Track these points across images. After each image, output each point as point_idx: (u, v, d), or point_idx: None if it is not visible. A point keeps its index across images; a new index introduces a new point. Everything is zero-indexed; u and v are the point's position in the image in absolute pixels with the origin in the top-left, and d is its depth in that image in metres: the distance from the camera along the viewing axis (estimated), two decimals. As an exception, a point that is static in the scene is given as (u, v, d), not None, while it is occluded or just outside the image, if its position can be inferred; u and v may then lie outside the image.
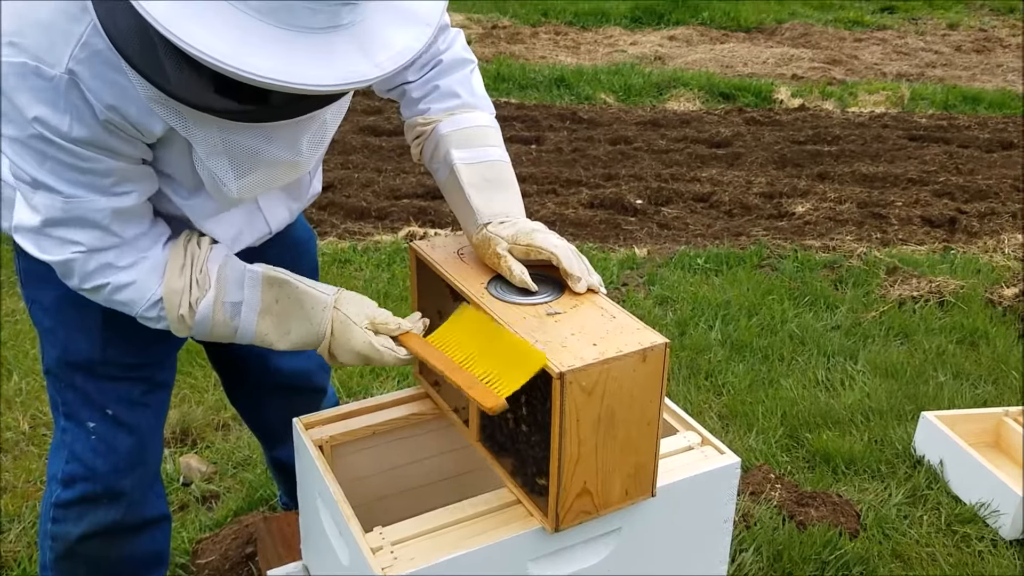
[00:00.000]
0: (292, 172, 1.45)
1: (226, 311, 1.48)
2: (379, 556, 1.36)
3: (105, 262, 1.40)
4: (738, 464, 1.60)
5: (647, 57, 8.42)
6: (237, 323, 1.49)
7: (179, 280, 1.44)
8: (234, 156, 1.34)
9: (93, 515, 1.70)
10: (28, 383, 3.14)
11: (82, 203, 1.34)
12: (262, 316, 1.50)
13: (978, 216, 4.83)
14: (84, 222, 1.36)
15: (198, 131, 1.30)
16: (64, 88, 1.25)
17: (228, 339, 1.52)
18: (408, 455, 1.79)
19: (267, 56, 1.11)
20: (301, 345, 1.52)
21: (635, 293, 3.93)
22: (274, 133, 1.34)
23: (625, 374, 1.35)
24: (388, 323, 1.52)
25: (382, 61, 1.21)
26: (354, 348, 1.50)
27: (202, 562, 2.32)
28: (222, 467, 2.75)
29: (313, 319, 1.50)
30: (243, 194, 1.40)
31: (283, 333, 1.51)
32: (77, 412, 1.66)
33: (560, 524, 1.40)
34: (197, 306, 1.45)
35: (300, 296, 1.50)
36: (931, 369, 3.38)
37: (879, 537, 2.51)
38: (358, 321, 1.50)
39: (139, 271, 1.43)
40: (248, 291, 1.49)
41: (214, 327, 1.48)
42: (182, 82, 1.19)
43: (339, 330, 1.50)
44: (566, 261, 1.49)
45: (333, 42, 1.16)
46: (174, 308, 1.44)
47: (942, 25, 10.21)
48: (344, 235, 4.51)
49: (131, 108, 1.29)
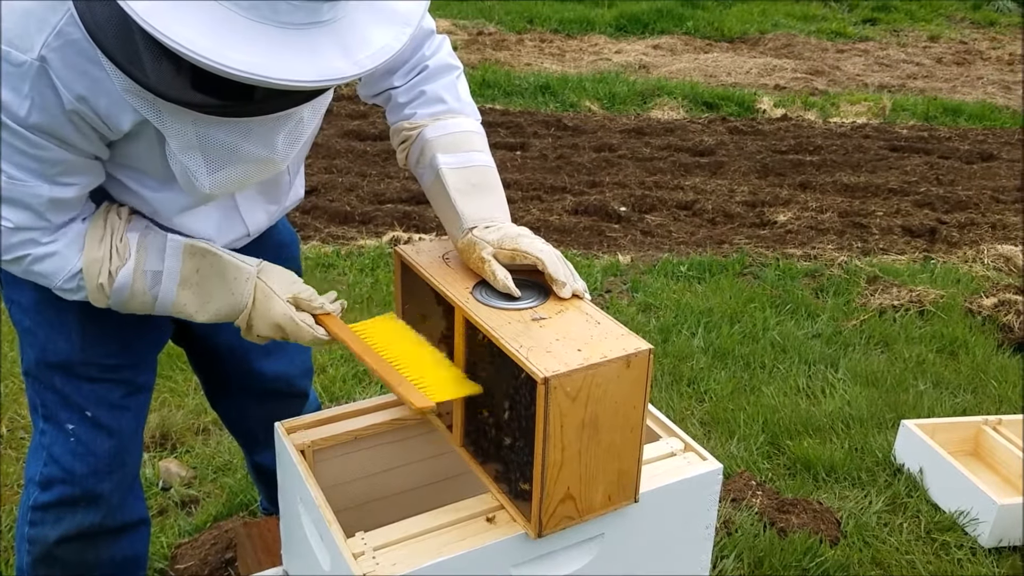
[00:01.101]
0: (267, 169, 1.44)
1: (146, 280, 1.47)
2: (361, 561, 1.36)
3: (29, 238, 1.40)
4: (720, 470, 1.60)
5: (631, 66, 8.46)
6: (156, 292, 1.49)
7: (98, 250, 1.44)
8: (208, 151, 1.33)
9: (71, 518, 1.68)
10: (6, 386, 3.11)
11: (23, 186, 1.34)
12: (182, 286, 1.49)
13: (958, 226, 4.88)
14: (19, 203, 1.36)
15: (173, 124, 1.29)
16: (33, 75, 1.25)
17: (146, 310, 1.51)
18: (391, 460, 1.79)
19: (246, 51, 1.11)
20: (221, 317, 1.52)
21: (618, 300, 3.94)
22: (250, 129, 1.33)
23: (609, 380, 1.35)
24: (312, 300, 1.53)
25: (361, 59, 1.21)
26: (274, 319, 1.50)
27: (181, 567, 2.30)
28: (202, 472, 2.73)
29: (235, 289, 1.50)
30: (215, 189, 1.39)
31: (203, 303, 1.51)
32: (56, 414, 1.64)
33: (543, 529, 1.40)
34: (116, 274, 1.45)
35: (223, 266, 1.50)
36: (911, 378, 3.41)
37: (859, 544, 2.52)
38: (280, 293, 1.51)
39: (60, 244, 1.43)
40: (169, 260, 1.48)
41: (132, 296, 1.47)
42: (159, 75, 1.18)
43: (260, 300, 1.50)
44: (551, 266, 1.49)
45: (313, 38, 1.16)
46: (93, 277, 1.44)
47: (923, 37, 10.32)
48: (328, 239, 4.50)
49: (101, 100, 1.29)
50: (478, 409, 1.54)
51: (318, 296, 1.54)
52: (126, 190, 1.48)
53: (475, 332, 1.48)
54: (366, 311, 3.71)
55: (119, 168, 1.45)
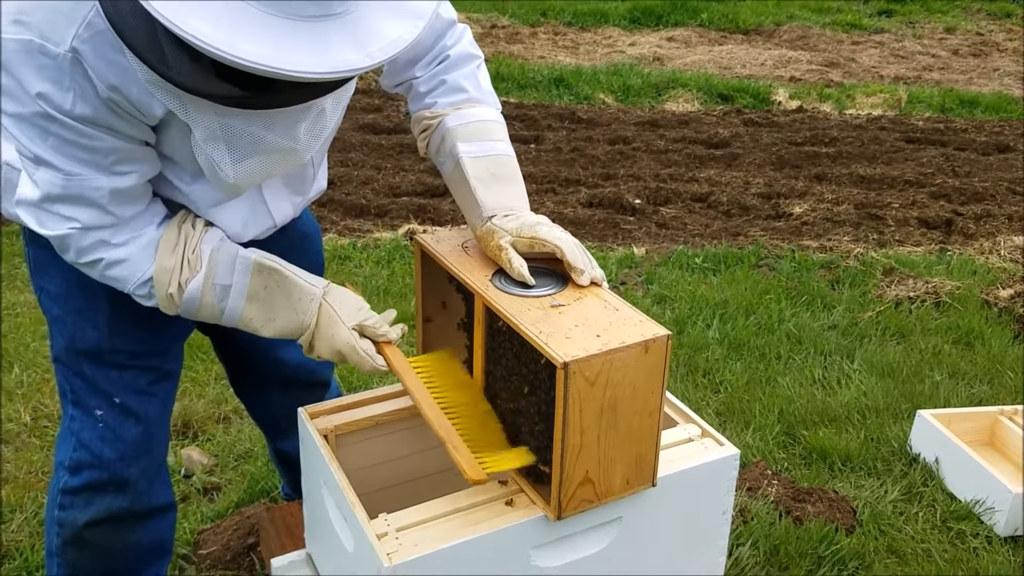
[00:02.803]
0: (290, 160, 1.46)
1: (215, 293, 1.50)
2: (384, 542, 1.38)
3: (100, 239, 1.43)
4: (737, 456, 1.62)
5: (646, 58, 8.45)
6: (224, 306, 1.52)
7: (170, 259, 1.46)
8: (232, 141, 1.35)
9: (100, 502, 1.72)
10: (29, 375, 3.16)
11: (82, 181, 1.37)
12: (249, 301, 1.52)
13: (974, 218, 4.86)
14: (82, 200, 1.39)
15: (196, 115, 1.32)
16: (68, 66, 1.27)
17: (214, 320, 1.55)
18: (411, 446, 1.81)
19: (259, 43, 1.13)
20: (285, 334, 1.55)
21: (633, 292, 3.95)
22: (273, 120, 1.36)
23: (628, 365, 1.37)
24: (376, 328, 1.55)
25: (373, 51, 1.22)
26: (335, 345, 1.53)
27: (204, 552, 2.34)
28: (223, 459, 2.77)
29: (299, 309, 1.53)
30: (240, 180, 1.42)
31: (268, 320, 1.54)
32: (85, 400, 1.67)
33: (562, 512, 1.42)
34: (186, 286, 1.48)
35: (289, 286, 1.53)
36: (927, 368, 3.41)
37: (875, 533, 2.53)
38: (345, 320, 1.53)
39: (132, 249, 1.45)
40: (238, 276, 1.51)
41: (201, 308, 1.51)
42: (179, 67, 1.20)
43: (324, 323, 1.53)
44: (570, 254, 1.51)
45: (326, 31, 1.18)
46: (163, 286, 1.46)
47: (939, 29, 10.26)
48: (344, 232, 4.53)
49: (132, 89, 1.31)
50: (497, 396, 1.57)
51: (383, 324, 1.56)
52: (166, 183, 1.51)
53: (495, 319, 1.50)
54: (383, 302, 3.74)
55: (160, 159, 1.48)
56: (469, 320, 1.68)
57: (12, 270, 3.90)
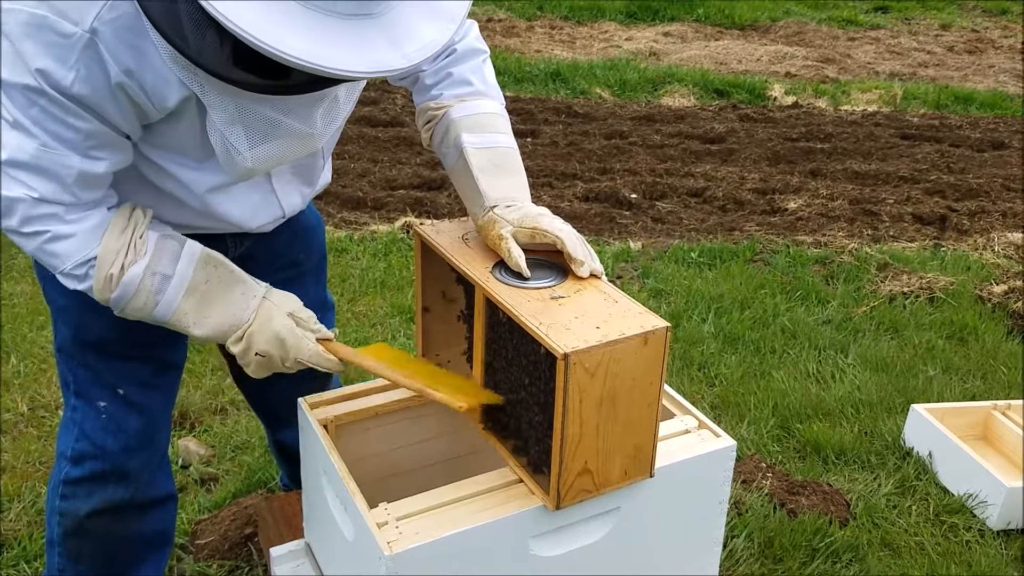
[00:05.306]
0: (306, 145, 1.47)
1: (154, 282, 1.47)
2: (384, 531, 1.40)
3: (53, 212, 1.40)
4: (734, 447, 1.64)
5: (642, 53, 8.46)
6: (160, 298, 1.48)
7: (118, 241, 1.44)
8: (249, 124, 1.36)
9: (101, 493, 1.72)
10: (26, 365, 3.16)
11: (54, 156, 1.35)
12: (187, 295, 1.50)
13: (968, 214, 4.89)
14: (48, 173, 1.36)
15: (216, 96, 1.32)
16: (80, 47, 1.27)
17: (144, 314, 1.49)
18: (410, 436, 1.83)
19: (304, 38, 1.14)
20: (215, 333, 1.52)
21: (629, 286, 3.97)
22: (290, 105, 1.37)
23: (627, 356, 1.38)
24: (310, 323, 1.57)
25: (410, 52, 1.24)
26: (274, 329, 1.52)
27: (201, 542, 2.35)
28: (220, 450, 2.78)
29: (239, 304, 1.52)
30: (256, 164, 1.41)
31: (202, 317, 1.51)
32: (88, 391, 1.68)
33: (561, 502, 1.44)
34: (128, 269, 1.45)
35: (232, 280, 1.53)
36: (921, 363, 3.43)
37: (868, 526, 2.55)
38: (283, 309, 1.54)
39: (82, 227, 1.43)
40: (182, 264, 1.49)
41: (136, 295, 1.46)
42: (205, 51, 1.21)
43: (263, 315, 1.53)
44: (570, 246, 1.52)
45: (363, 30, 1.19)
46: (106, 266, 1.43)
47: (935, 26, 10.28)
48: (340, 224, 4.53)
49: (148, 75, 1.32)
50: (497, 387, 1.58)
51: (318, 323, 1.58)
52: (159, 171, 1.51)
53: (495, 310, 1.51)
54: (380, 295, 3.75)
55: (155, 149, 1.47)
56: (469, 311, 1.70)
57: (8, 260, 3.90)
